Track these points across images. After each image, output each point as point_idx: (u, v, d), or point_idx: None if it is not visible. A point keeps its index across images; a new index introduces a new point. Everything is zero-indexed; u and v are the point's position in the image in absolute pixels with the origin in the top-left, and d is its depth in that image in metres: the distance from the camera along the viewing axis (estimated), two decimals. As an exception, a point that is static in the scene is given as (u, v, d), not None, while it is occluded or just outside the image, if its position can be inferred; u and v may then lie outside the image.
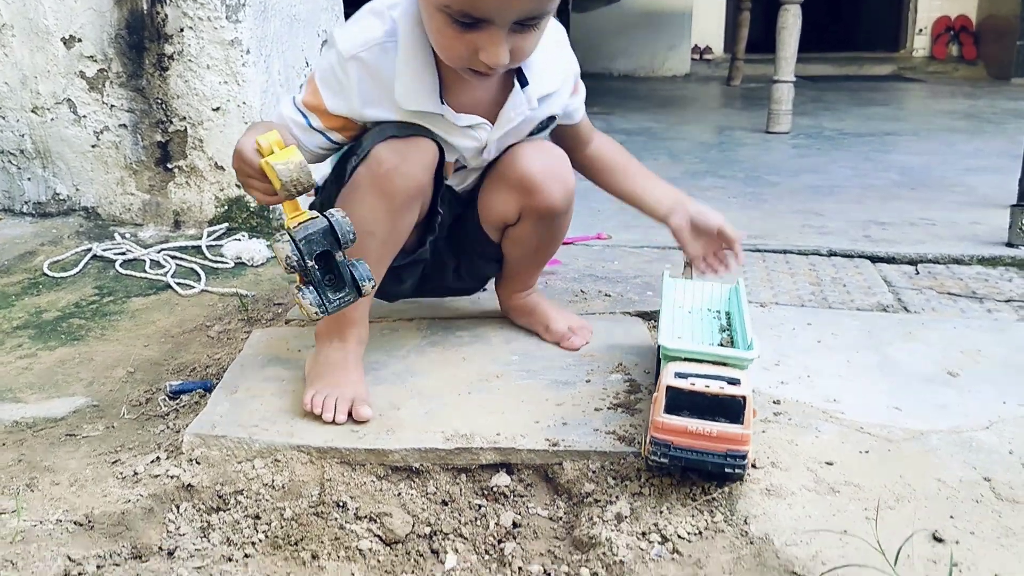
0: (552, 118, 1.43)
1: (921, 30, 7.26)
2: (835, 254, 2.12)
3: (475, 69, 1.19)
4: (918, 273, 1.99)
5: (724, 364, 1.16)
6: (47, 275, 2.19)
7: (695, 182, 3.00)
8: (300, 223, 1.14)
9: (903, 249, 2.12)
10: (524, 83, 1.33)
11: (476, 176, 1.47)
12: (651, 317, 1.68)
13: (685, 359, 1.17)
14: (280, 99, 1.30)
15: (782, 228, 2.36)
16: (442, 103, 1.29)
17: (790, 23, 3.93)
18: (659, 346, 1.23)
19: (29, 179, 2.60)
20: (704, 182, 3.01)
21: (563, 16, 5.85)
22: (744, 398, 1.06)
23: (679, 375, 1.10)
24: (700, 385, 1.08)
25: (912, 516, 1.06)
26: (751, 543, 1.04)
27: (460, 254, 1.55)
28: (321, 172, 1.42)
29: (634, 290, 1.84)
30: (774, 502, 1.09)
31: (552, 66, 1.37)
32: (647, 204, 1.54)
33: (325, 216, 1.15)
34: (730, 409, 1.07)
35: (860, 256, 2.10)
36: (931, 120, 4.43)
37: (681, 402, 1.08)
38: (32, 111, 2.51)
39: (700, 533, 1.07)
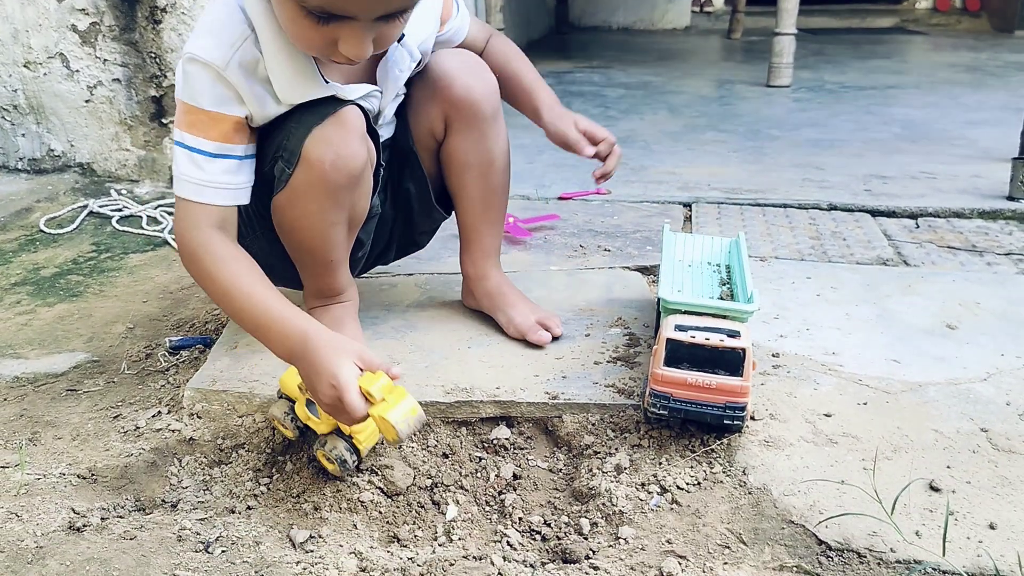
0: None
1: (924, -19, 7.18)
2: (835, 208, 2.11)
3: (335, 59, 1.09)
4: (918, 227, 1.98)
5: (724, 317, 1.16)
6: (44, 231, 2.18)
7: (695, 136, 2.98)
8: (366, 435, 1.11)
9: (903, 203, 2.11)
10: (400, 37, 1.23)
11: (390, 126, 1.38)
12: (650, 271, 1.67)
13: (685, 312, 1.17)
14: (177, 181, 1.19)
15: (782, 182, 2.35)
16: (326, 82, 1.18)
17: (792, -26, 3.87)
18: (659, 299, 1.23)
19: (23, 135, 2.57)
20: (704, 136, 2.98)
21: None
22: (744, 350, 1.07)
23: (679, 328, 1.10)
24: (700, 338, 1.08)
25: (909, 466, 1.07)
26: (749, 493, 1.05)
27: (400, 206, 1.45)
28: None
29: (633, 245, 1.83)
30: (772, 453, 1.10)
31: (422, 8, 1.26)
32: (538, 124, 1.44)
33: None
34: (730, 361, 1.07)
35: (860, 210, 2.09)
36: (933, 73, 4.39)
37: (681, 355, 1.08)
38: (24, 66, 2.47)
39: (699, 484, 1.07)
